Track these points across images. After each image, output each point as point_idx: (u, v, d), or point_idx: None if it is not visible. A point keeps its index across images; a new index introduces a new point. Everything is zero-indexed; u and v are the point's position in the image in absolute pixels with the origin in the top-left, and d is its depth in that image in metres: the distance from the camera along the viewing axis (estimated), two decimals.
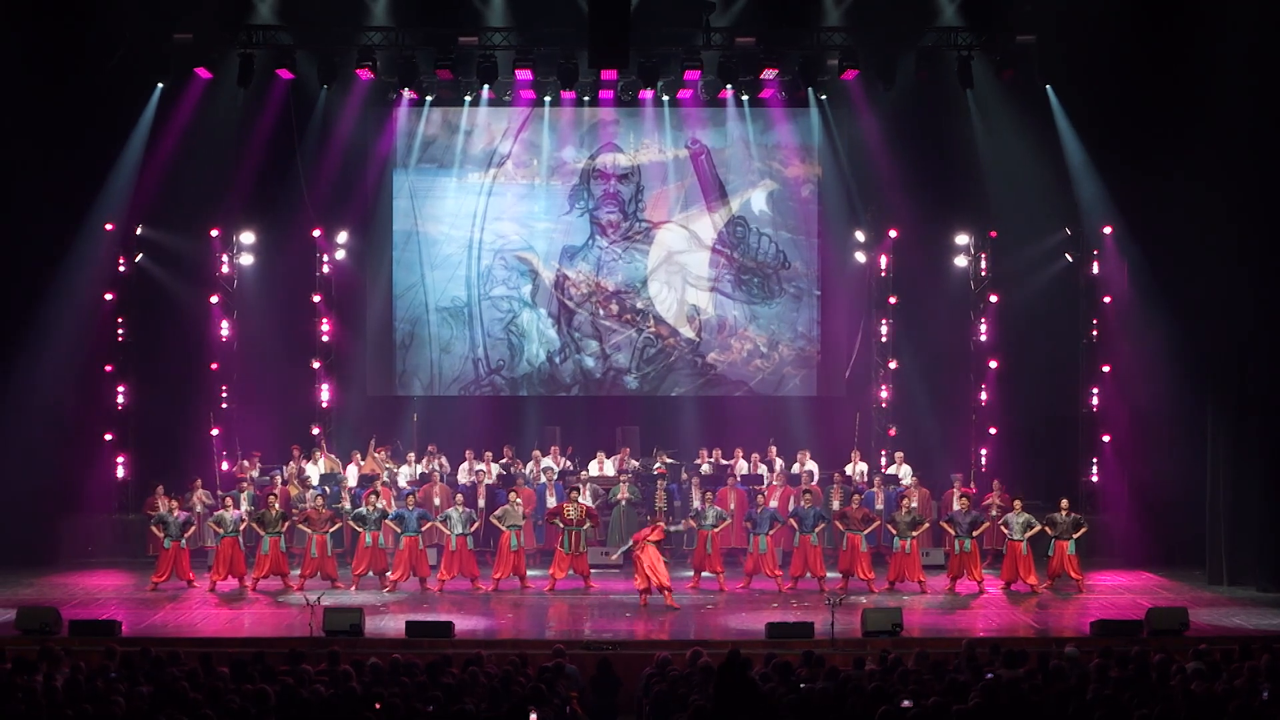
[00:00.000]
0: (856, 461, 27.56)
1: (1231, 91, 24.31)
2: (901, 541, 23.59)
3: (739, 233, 30.58)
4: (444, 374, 30.71)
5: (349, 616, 19.61)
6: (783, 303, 30.66)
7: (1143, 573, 25.22)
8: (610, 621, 21.10)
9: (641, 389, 30.77)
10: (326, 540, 23.81)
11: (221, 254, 28.75)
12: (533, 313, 30.62)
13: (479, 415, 29.84)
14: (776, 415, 29.75)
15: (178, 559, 23.62)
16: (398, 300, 30.62)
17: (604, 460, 28.05)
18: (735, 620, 21.15)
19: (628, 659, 17.72)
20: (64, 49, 25.53)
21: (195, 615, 21.60)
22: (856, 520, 23.80)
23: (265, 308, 28.97)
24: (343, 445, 28.84)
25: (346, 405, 29.74)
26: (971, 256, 29.04)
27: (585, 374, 30.81)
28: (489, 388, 30.81)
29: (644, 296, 30.65)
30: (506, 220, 30.55)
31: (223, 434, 27.72)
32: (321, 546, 23.71)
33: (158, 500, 25.50)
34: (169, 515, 23.79)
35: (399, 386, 30.76)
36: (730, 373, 30.74)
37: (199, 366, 28.28)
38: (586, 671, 16.88)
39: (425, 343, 30.64)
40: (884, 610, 20.31)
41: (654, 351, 30.74)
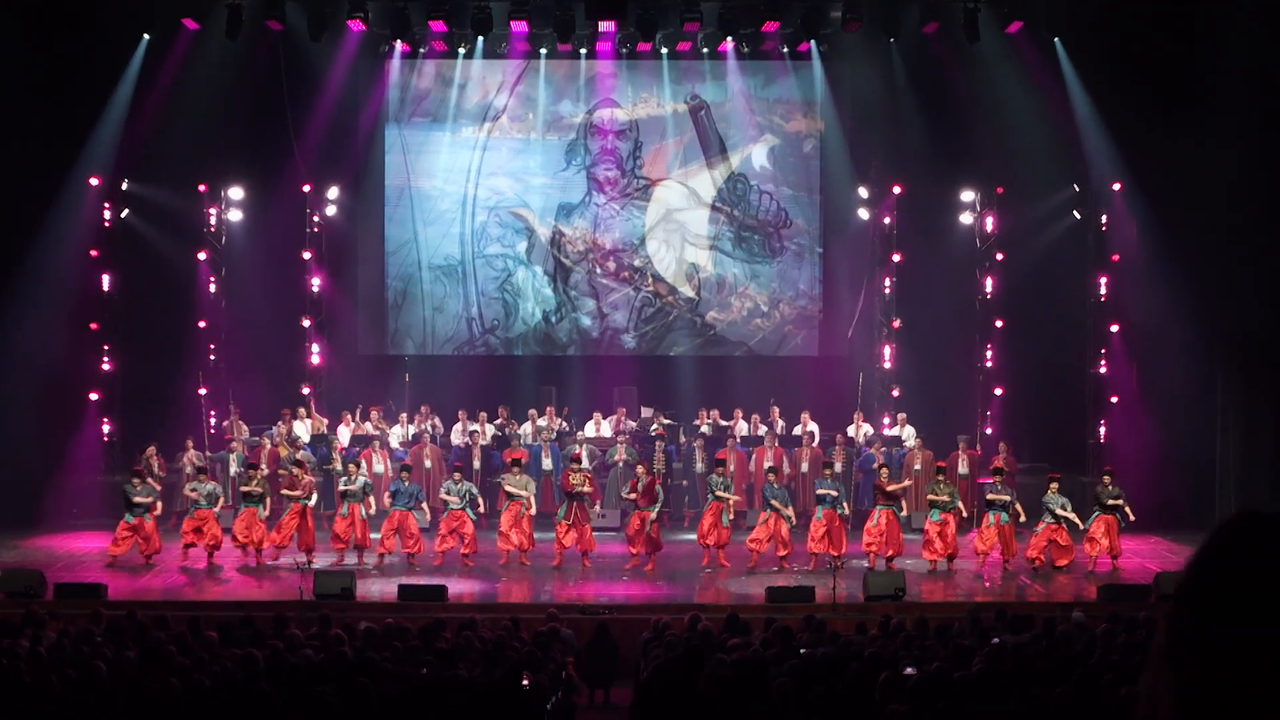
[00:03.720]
0: (859, 423, 27.52)
1: (1244, 45, 24.18)
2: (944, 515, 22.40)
3: (739, 189, 30.46)
4: (437, 333, 30.64)
5: (340, 580, 19.62)
6: (784, 261, 30.57)
7: (1151, 536, 25.20)
8: (607, 585, 21.10)
9: (639, 349, 30.71)
10: (305, 509, 22.96)
11: (209, 209, 28.61)
12: (528, 271, 30.53)
13: (473, 375, 29.77)
14: (777, 376, 29.70)
15: (141, 533, 22.67)
16: (390, 258, 30.54)
17: (600, 421, 28.01)
18: (735, 584, 21.16)
19: (625, 623, 17.73)
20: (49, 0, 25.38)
21: (183, 579, 21.58)
22: (884, 491, 22.64)
23: (254, 265, 28.85)
24: (333, 405, 28.78)
25: (337, 365, 29.66)
26: (977, 213, 28.91)
27: (582, 333, 30.74)
28: (483, 347, 30.75)
29: (642, 254, 30.56)
30: (501, 176, 30.43)
31: (210, 394, 27.63)
32: (295, 516, 22.84)
33: (151, 461, 25.39)
34: (136, 489, 22.86)
35: (391, 346, 30.70)
36: (730, 332, 30.67)
37: (186, 325, 28.18)
38: (583, 636, 16.90)
39: (418, 301, 30.56)
40: (886, 575, 20.34)
41: (652, 311, 30.67)
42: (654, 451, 26.69)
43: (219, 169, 28.38)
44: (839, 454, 26.32)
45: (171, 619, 15.97)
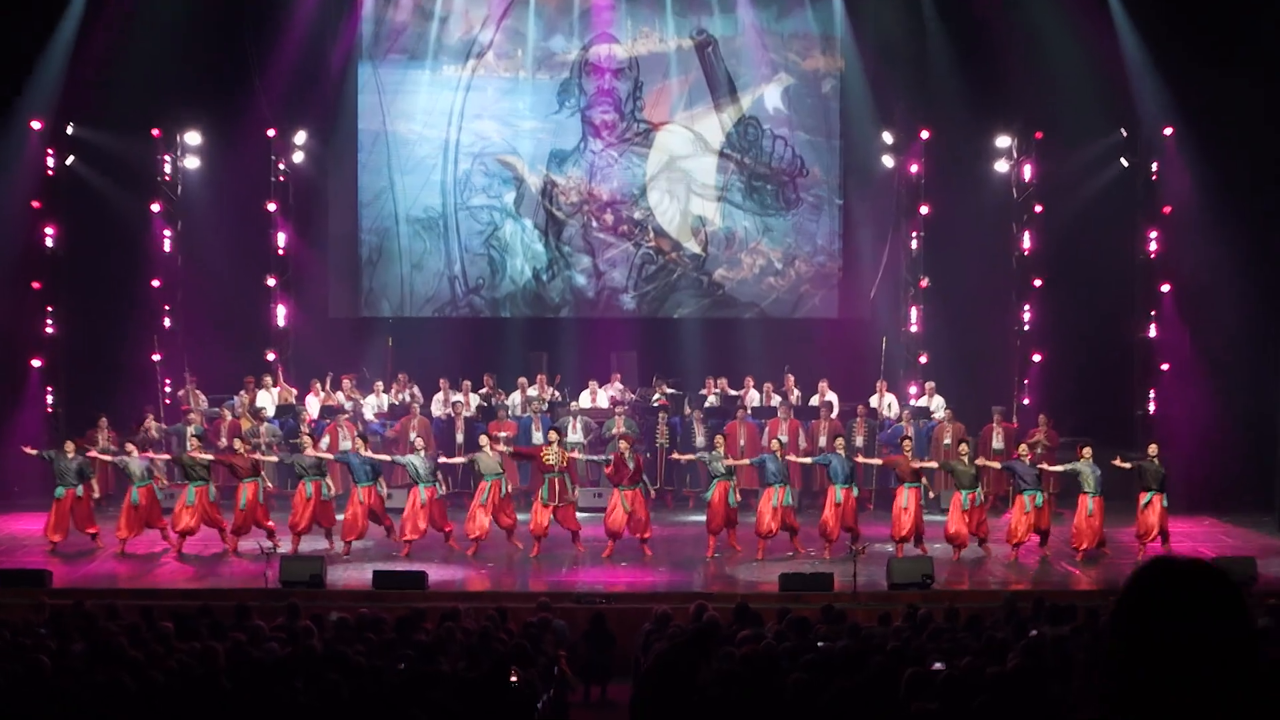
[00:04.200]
0: (882, 393, 27.49)
1: None
2: (970, 494, 22.30)
3: (750, 134, 30.39)
4: (416, 293, 30.60)
5: (309, 566, 19.61)
6: (799, 213, 30.51)
7: (1205, 518, 25.22)
8: (604, 571, 21.09)
9: (639, 310, 30.67)
10: (259, 487, 22.69)
11: (164, 156, 28.54)
12: (516, 224, 30.48)
13: (455, 340, 29.73)
14: (792, 340, 29.67)
15: (75, 511, 22.56)
16: (364, 210, 30.47)
17: (597, 390, 27.99)
18: (745, 571, 21.14)
19: (623, 613, 17.72)
20: None
21: (135, 565, 21.56)
22: (907, 471, 22.49)
23: (213, 217, 28.77)
24: (301, 374, 28.74)
25: (305, 328, 29.62)
26: (1013, 161, 28.84)
27: (576, 293, 30.70)
28: (467, 309, 30.71)
29: (642, 206, 30.50)
30: (487, 119, 30.34)
31: (165, 360, 27.59)
32: (252, 496, 22.59)
33: (98, 435, 25.39)
34: (62, 457, 22.63)
35: (365, 307, 30.66)
36: (740, 292, 30.63)
37: (139, 283, 28.11)
38: (577, 627, 16.90)
39: (395, 258, 30.51)
40: (913, 560, 20.31)
41: (654, 268, 30.63)
42: (657, 424, 26.67)
43: (174, 111, 28.28)
44: (860, 426, 26.29)
45: (122, 609, 15.95)
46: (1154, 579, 2.91)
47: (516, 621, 15.90)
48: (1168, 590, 2.88)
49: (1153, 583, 2.91)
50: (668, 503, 26.39)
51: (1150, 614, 2.85)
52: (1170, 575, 2.90)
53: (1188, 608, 2.83)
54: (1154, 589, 2.90)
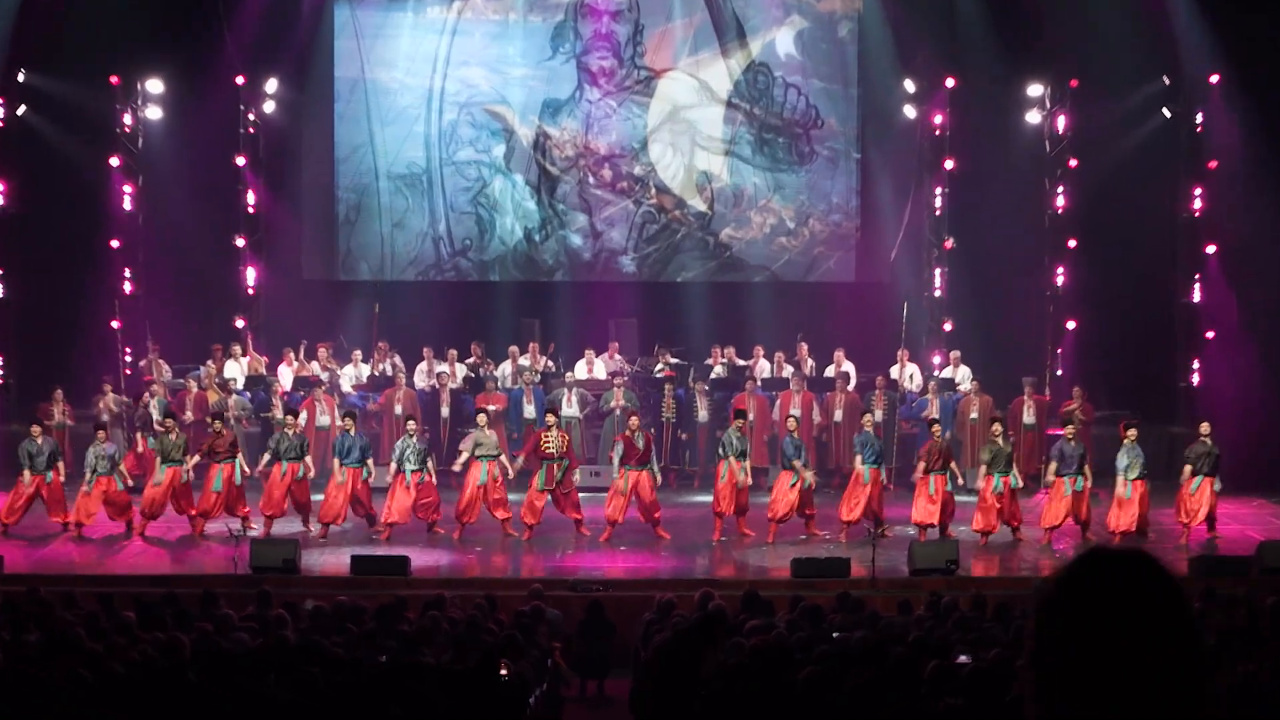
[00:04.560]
0: (904, 363, 27.47)
1: None
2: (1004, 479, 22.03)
3: (760, 83, 30.35)
4: (397, 255, 30.59)
5: (281, 550, 19.58)
6: (814, 168, 30.48)
7: (1254, 499, 25.20)
8: (602, 556, 21.08)
9: (640, 274, 30.67)
10: (234, 470, 22.43)
11: (123, 106, 28.47)
12: (506, 180, 30.46)
13: (440, 305, 29.74)
14: (806, 306, 29.67)
15: (47, 498, 22.47)
16: (341, 165, 30.45)
17: (594, 361, 27.97)
18: (754, 555, 21.14)
19: (623, 602, 17.72)
20: None
21: (94, 549, 21.54)
22: (936, 456, 22.18)
23: (177, 172, 28.71)
24: (273, 342, 28.73)
25: (278, 293, 29.59)
26: (1046, 112, 28.79)
27: (571, 255, 30.69)
28: (453, 272, 30.71)
29: (643, 161, 30.48)
30: (474, 66, 30.30)
31: (126, 328, 27.56)
32: (228, 479, 22.38)
33: (52, 408, 25.39)
34: (33, 443, 22.55)
35: (342, 270, 30.65)
36: (749, 254, 30.61)
37: (96, 244, 28.07)
38: (573, 616, 16.89)
39: (374, 216, 30.50)
40: (936, 545, 20.29)
41: (655, 228, 30.62)
42: (662, 397, 26.62)
43: (134, 57, 28.20)
44: (880, 400, 26.27)
45: (80, 596, 15.95)
46: (1088, 568, 3.04)
47: (507, 610, 15.89)
48: (1102, 580, 3.00)
49: (1087, 572, 3.03)
50: (670, 482, 26.34)
51: (1083, 604, 2.98)
52: (1105, 565, 3.03)
53: (1122, 598, 2.97)
54: (1088, 579, 3.02)
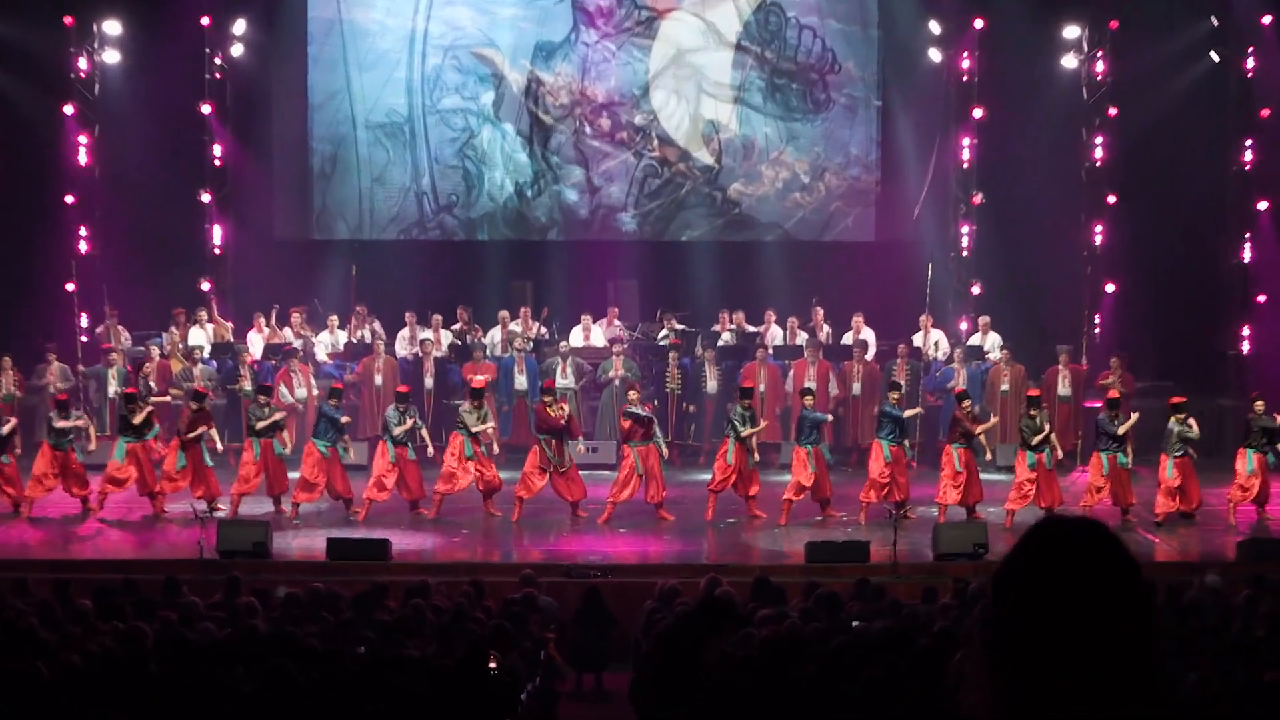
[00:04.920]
0: (928, 329, 27.42)
1: None
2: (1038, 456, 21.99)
3: (772, 24, 30.29)
4: (377, 212, 30.56)
5: (251, 532, 19.59)
6: (830, 117, 30.44)
7: None
8: (600, 539, 21.09)
9: (641, 232, 30.63)
10: (201, 446, 22.36)
11: (78, 49, 28.43)
12: (495, 130, 30.41)
13: (424, 267, 29.68)
14: (822, 267, 29.62)
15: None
16: (315, 113, 30.40)
17: (591, 327, 27.95)
18: (765, 538, 21.14)
19: (622, 589, 17.73)
20: None
21: (49, 531, 21.55)
22: (965, 425, 22.07)
23: (138, 122, 28.67)
24: (242, 306, 28.71)
25: (247, 252, 29.57)
26: (1084, 55, 28.75)
27: (566, 212, 30.65)
28: (437, 230, 30.68)
29: (645, 109, 30.43)
30: (460, 6, 30.23)
31: (82, 290, 27.54)
32: (196, 456, 22.31)
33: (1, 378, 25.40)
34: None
35: (317, 228, 30.63)
36: (760, 211, 30.57)
37: (49, 200, 28.08)
38: (568, 605, 16.91)
39: (352, 170, 30.46)
40: (963, 527, 20.31)
41: (658, 183, 30.58)
42: (666, 366, 26.58)
43: None
44: (901, 369, 26.23)
45: (33, 583, 15.99)
46: (1043, 539, 3.15)
47: (496, 598, 15.92)
48: (1056, 551, 3.12)
49: (1041, 543, 3.15)
50: (674, 460, 26.32)
51: (1037, 574, 3.10)
52: (1060, 536, 3.15)
53: (1076, 569, 3.09)
54: (1042, 549, 3.14)
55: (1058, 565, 3.09)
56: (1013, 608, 3.10)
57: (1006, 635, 3.10)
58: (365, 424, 25.49)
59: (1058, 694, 3.04)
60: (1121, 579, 3.09)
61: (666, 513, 22.07)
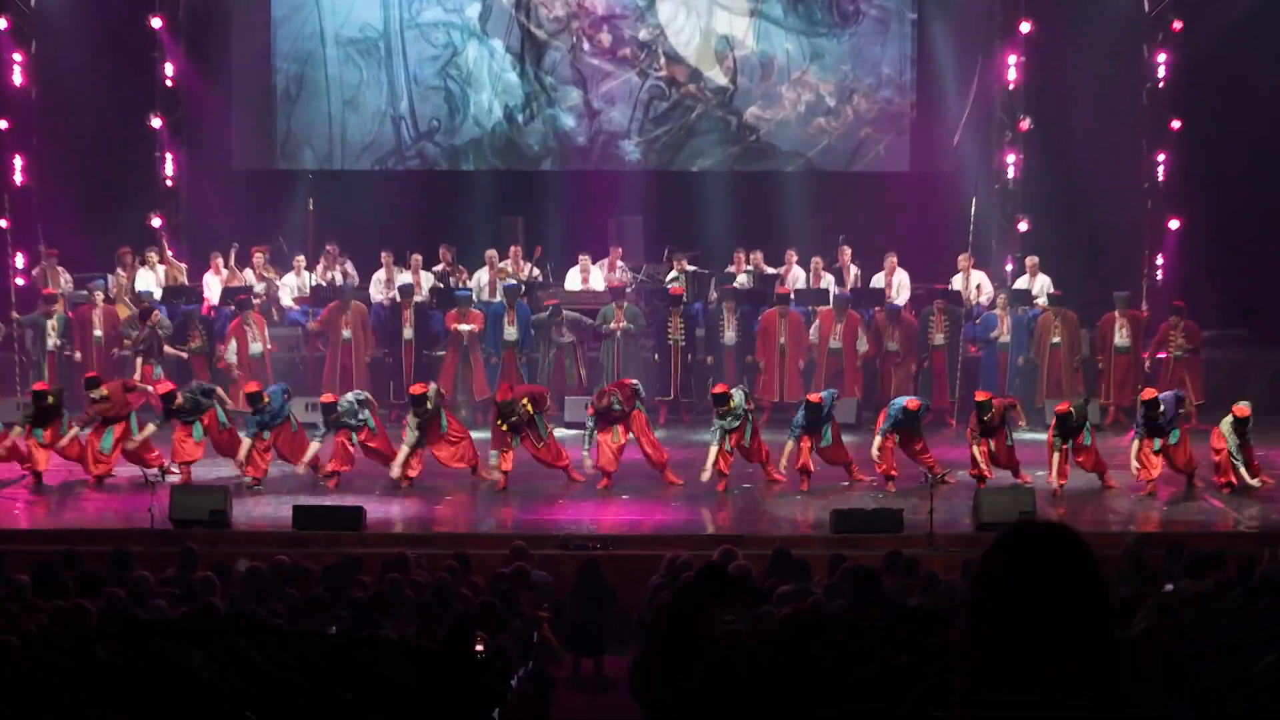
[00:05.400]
0: (968, 271, 27.38)
1: None
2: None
3: None
4: (349, 139, 30.53)
5: (208, 499, 19.57)
6: (860, 32, 30.39)
7: None
8: (599, 507, 21.10)
9: (646, 162, 30.61)
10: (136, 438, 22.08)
11: None
12: (482, 47, 30.37)
13: (401, 201, 29.64)
14: (849, 200, 29.58)
15: None
16: (279, 28, 30.37)
17: (590, 268, 27.92)
18: (784, 504, 21.11)
19: (625, 563, 17.75)
20: None
21: None
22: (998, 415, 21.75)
23: (79, 37, 28.59)
24: (197, 245, 28.69)
25: (202, 185, 29.54)
26: None
27: (562, 139, 30.62)
28: (417, 160, 30.66)
29: (650, 23, 30.39)
30: None
31: (16, 228, 27.53)
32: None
33: None
34: None
35: (281, 157, 30.60)
36: (780, 137, 30.54)
37: None
38: (564, 580, 16.92)
39: (320, 92, 30.43)
40: (1008, 493, 20.26)
41: (665, 106, 30.56)
42: (668, 316, 26.55)
43: None
44: (939, 317, 26.22)
45: None
46: (1012, 543, 4.04)
47: (483, 572, 15.95)
48: (1023, 554, 4.00)
49: (1010, 547, 4.03)
50: (684, 418, 26.32)
51: (1006, 576, 3.98)
52: (1027, 539, 4.04)
53: (1041, 572, 3.93)
54: (1010, 553, 4.02)
55: (1029, 567, 3.93)
56: (989, 603, 3.96)
57: (984, 627, 3.92)
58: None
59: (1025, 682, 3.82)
60: (1084, 581, 3.89)
61: (674, 475, 22.00)
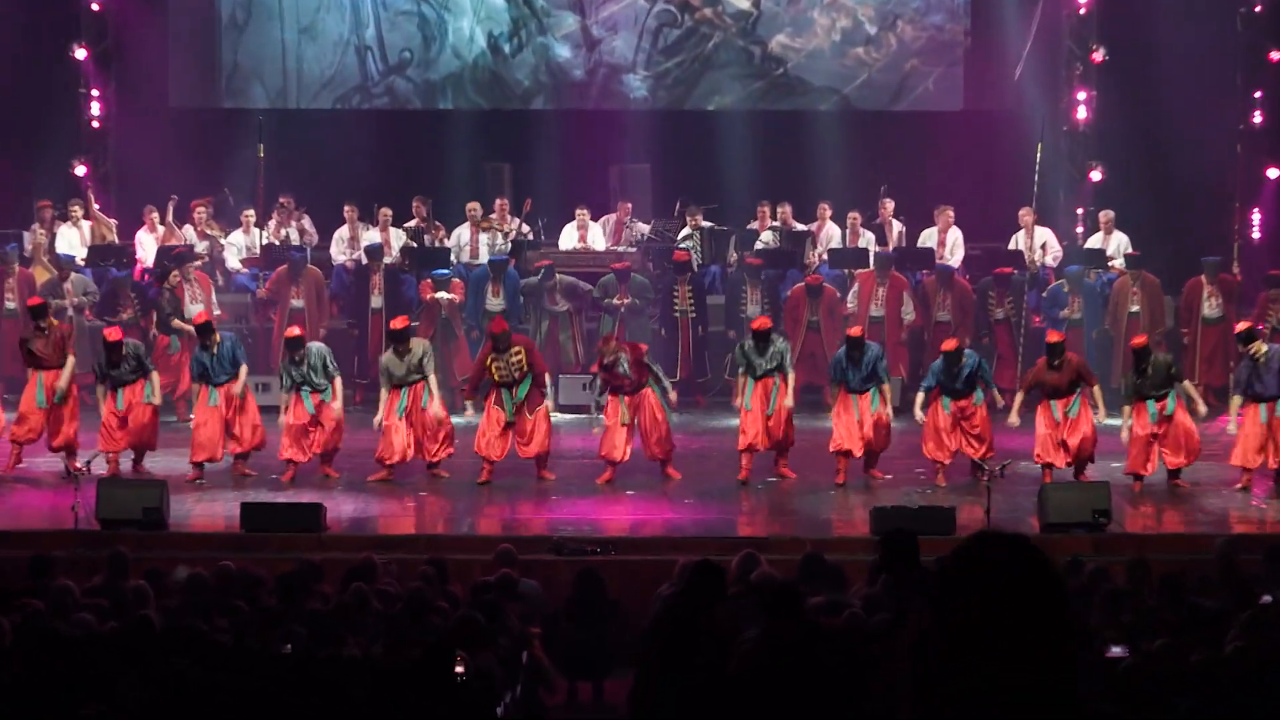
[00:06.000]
0: (1031, 229, 27.36)
1: None
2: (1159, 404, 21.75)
3: None
4: (306, 74, 30.56)
5: (142, 495, 19.57)
6: None
7: None
8: (598, 505, 21.13)
9: (655, 99, 30.63)
10: (62, 381, 22.22)
11: None
12: None
13: (368, 146, 29.68)
14: (892, 145, 29.62)
15: None
16: None
17: (588, 224, 27.92)
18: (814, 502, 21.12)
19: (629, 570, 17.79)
20: None
21: None
22: (1066, 383, 21.84)
23: None
24: (129, 197, 28.71)
25: (134, 126, 29.56)
26: None
27: (555, 74, 30.64)
28: (386, 97, 30.70)
29: None
30: None
31: None
32: (51, 392, 22.17)
33: None
34: None
35: (226, 95, 30.64)
36: (811, 71, 30.55)
37: None
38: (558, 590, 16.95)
39: (273, 18, 30.47)
40: (1077, 488, 20.26)
41: (677, 34, 30.57)
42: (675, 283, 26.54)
43: None
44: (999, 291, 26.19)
45: None
46: (970, 555, 4.56)
47: (463, 581, 15.97)
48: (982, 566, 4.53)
49: (968, 559, 4.55)
50: (698, 401, 26.33)
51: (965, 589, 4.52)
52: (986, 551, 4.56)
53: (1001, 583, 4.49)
54: (969, 565, 4.55)
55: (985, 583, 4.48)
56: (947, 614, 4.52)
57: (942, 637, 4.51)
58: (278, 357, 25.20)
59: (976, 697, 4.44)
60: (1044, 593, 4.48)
61: (674, 469, 22.00)
